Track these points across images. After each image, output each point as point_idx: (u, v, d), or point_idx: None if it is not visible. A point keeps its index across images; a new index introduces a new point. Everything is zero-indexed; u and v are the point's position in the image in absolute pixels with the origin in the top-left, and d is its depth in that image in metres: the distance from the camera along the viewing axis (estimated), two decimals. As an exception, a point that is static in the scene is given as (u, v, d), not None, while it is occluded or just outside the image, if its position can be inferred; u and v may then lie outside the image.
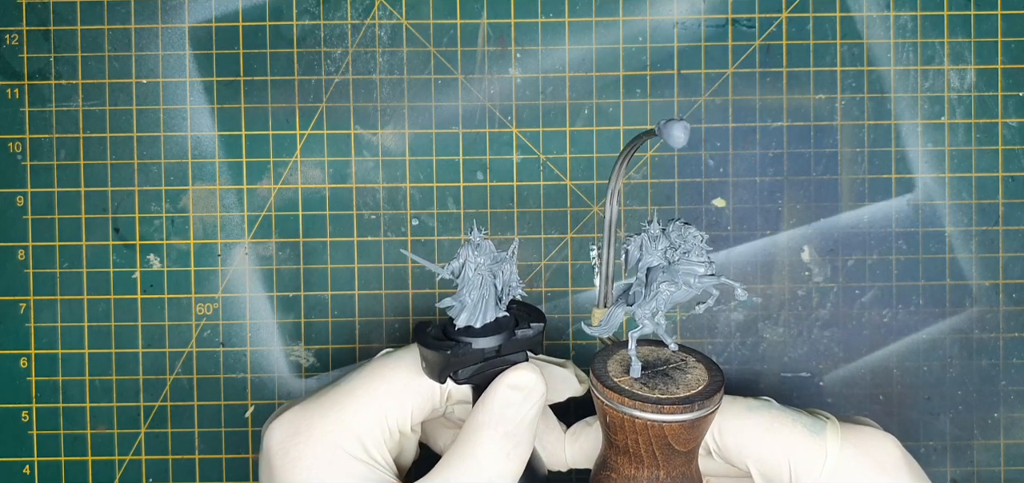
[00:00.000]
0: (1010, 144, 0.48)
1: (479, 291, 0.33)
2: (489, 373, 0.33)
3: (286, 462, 0.33)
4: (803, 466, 0.35)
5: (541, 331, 0.34)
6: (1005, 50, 0.48)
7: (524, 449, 0.33)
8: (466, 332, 0.33)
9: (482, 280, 0.32)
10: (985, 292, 0.48)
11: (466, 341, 0.32)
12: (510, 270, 0.33)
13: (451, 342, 0.33)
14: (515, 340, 0.33)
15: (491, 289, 0.33)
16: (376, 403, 0.34)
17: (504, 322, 0.34)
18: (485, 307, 0.33)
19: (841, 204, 0.48)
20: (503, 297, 0.34)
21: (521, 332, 0.33)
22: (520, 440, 0.33)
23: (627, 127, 0.48)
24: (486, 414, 0.33)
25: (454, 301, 0.33)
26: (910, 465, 0.36)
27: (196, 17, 0.48)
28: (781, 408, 0.37)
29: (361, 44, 0.48)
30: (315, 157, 0.48)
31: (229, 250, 0.48)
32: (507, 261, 0.33)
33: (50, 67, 0.48)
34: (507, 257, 0.33)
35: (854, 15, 0.47)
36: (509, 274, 0.33)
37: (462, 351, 0.32)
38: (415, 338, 0.34)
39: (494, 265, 0.33)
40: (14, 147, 0.48)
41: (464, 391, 0.35)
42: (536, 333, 0.34)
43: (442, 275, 0.33)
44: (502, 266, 0.33)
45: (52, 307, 0.48)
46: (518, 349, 0.33)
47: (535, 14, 0.48)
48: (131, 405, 0.48)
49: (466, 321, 0.33)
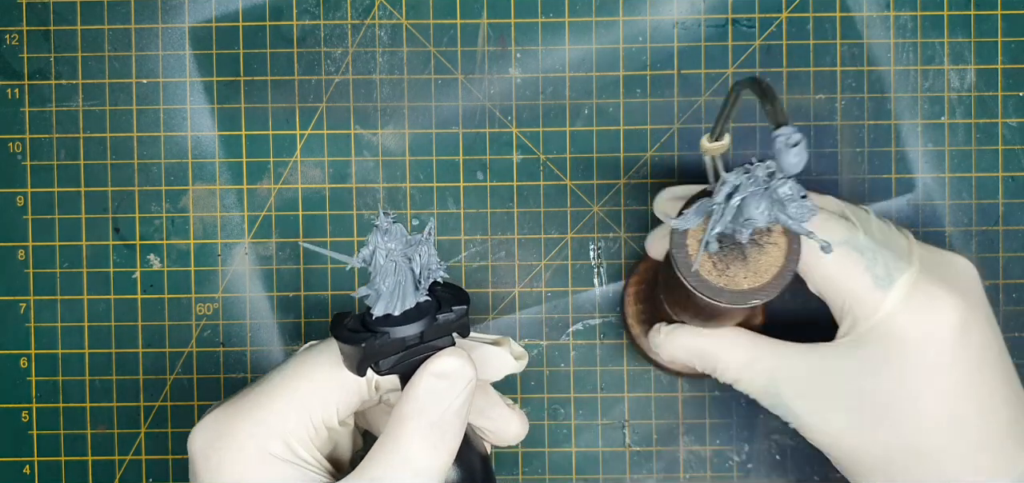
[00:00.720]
0: (1010, 144, 0.48)
1: (394, 277, 0.31)
2: (414, 361, 0.32)
3: (209, 468, 0.32)
4: (860, 314, 0.37)
5: (464, 313, 0.32)
6: (1005, 50, 0.48)
7: (453, 438, 0.32)
8: (385, 321, 0.31)
9: (396, 266, 0.31)
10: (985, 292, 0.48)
11: (383, 331, 0.31)
12: (428, 252, 0.31)
13: (368, 333, 0.31)
14: (437, 325, 0.31)
15: (408, 274, 0.31)
16: (298, 400, 0.33)
17: (426, 307, 0.32)
18: (402, 293, 0.31)
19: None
20: (422, 281, 0.32)
21: (443, 316, 0.32)
22: (447, 430, 0.32)
23: (627, 127, 0.48)
24: (410, 405, 0.31)
25: (369, 289, 0.31)
26: (982, 329, 0.36)
27: (196, 17, 0.48)
28: (861, 242, 0.37)
29: (361, 44, 0.48)
30: (315, 157, 0.48)
31: (229, 250, 0.48)
32: (423, 243, 0.31)
33: (50, 67, 0.48)
34: (422, 239, 0.31)
35: (854, 15, 0.48)
36: (427, 257, 0.31)
37: (379, 342, 0.30)
38: (331, 331, 0.32)
39: (408, 249, 0.31)
40: (14, 147, 0.48)
41: (394, 379, 0.34)
42: (458, 316, 0.32)
43: (352, 264, 0.31)
44: (418, 249, 0.31)
45: (52, 307, 0.48)
46: (441, 334, 0.32)
47: (535, 14, 0.48)
48: (131, 405, 0.48)
49: (383, 310, 0.31)
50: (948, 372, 0.36)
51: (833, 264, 0.37)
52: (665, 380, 0.48)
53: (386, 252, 0.31)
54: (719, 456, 0.49)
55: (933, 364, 0.36)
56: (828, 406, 0.38)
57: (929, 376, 0.36)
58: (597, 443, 0.49)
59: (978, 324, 0.37)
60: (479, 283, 0.48)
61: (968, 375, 0.36)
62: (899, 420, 0.36)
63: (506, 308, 0.48)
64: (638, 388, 0.48)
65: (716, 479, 0.49)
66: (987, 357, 0.37)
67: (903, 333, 0.36)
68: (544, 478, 0.49)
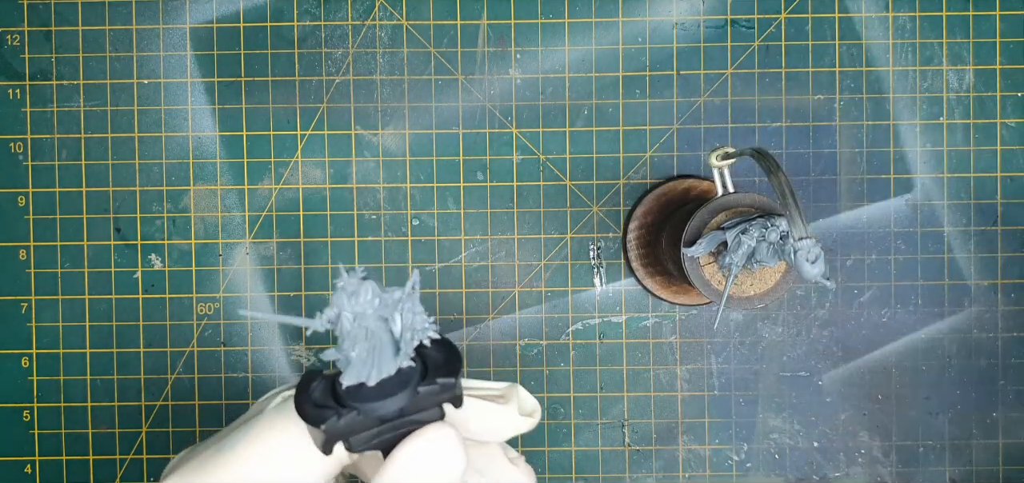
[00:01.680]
0: (1008, 144, 0.48)
1: (365, 343, 0.25)
2: (394, 436, 0.26)
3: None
4: None
5: (453, 385, 0.26)
6: (1003, 50, 0.48)
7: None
8: (357, 392, 0.26)
9: (367, 331, 0.25)
10: (983, 292, 0.48)
11: (353, 406, 0.25)
12: (411, 310, 0.26)
13: (334, 408, 0.25)
14: (420, 397, 0.26)
15: (385, 337, 0.26)
16: (273, 473, 0.28)
17: (407, 375, 0.26)
18: (378, 360, 0.26)
19: (840, 204, 0.48)
20: (404, 344, 0.26)
21: (427, 387, 0.26)
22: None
23: (626, 128, 0.48)
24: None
25: (337, 353, 0.26)
26: None
27: (197, 18, 0.48)
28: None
29: (362, 45, 0.48)
30: (316, 157, 0.48)
31: (230, 250, 0.48)
32: (404, 301, 0.26)
33: (52, 67, 0.48)
34: (403, 296, 0.26)
35: (853, 16, 0.47)
36: (411, 316, 0.26)
37: (345, 421, 0.25)
38: (295, 398, 0.26)
39: (384, 310, 0.26)
40: (16, 147, 0.48)
41: None
42: (444, 389, 0.26)
43: (315, 327, 0.25)
44: (397, 309, 0.26)
45: (53, 307, 0.48)
46: (426, 407, 0.26)
47: (535, 15, 0.48)
48: (132, 405, 0.48)
49: (354, 379, 0.25)
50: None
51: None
52: (665, 379, 0.48)
53: (353, 316, 0.25)
54: (718, 455, 0.49)
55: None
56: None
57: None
58: (596, 442, 0.49)
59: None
60: (479, 283, 0.48)
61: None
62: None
63: (506, 308, 0.48)
64: (637, 388, 0.48)
65: (715, 478, 0.49)
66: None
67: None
68: (544, 477, 0.49)
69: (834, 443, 0.48)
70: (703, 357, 0.48)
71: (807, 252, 0.32)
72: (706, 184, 0.47)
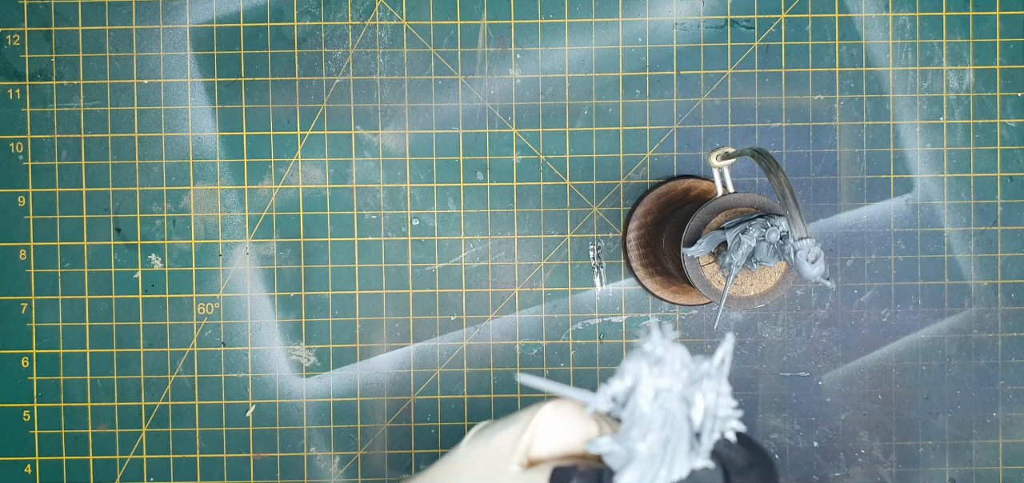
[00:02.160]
0: (1008, 144, 0.48)
1: (661, 432, 0.19)
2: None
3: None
4: None
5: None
6: (1003, 51, 0.47)
7: None
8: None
9: (666, 417, 0.19)
10: (983, 292, 0.48)
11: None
12: (716, 391, 0.20)
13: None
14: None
15: (684, 426, 0.20)
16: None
17: (703, 479, 0.20)
18: (670, 457, 0.19)
19: (840, 204, 0.48)
20: (704, 435, 0.20)
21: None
22: None
23: (626, 127, 0.48)
24: None
25: (616, 444, 0.20)
26: None
27: (197, 18, 0.48)
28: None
29: (362, 45, 0.48)
30: (316, 157, 0.48)
31: (230, 250, 0.48)
32: (712, 378, 0.20)
33: (52, 68, 0.48)
34: (712, 371, 0.20)
35: (853, 16, 0.47)
36: (714, 399, 0.20)
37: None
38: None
39: (688, 389, 0.20)
40: (16, 147, 0.48)
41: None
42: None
43: (596, 407, 0.20)
44: (701, 387, 0.20)
45: (53, 307, 0.48)
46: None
47: (535, 15, 0.47)
48: (132, 404, 0.48)
49: (636, 481, 0.19)
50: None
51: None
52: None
53: (655, 392, 0.19)
54: (718, 455, 0.49)
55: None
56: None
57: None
58: (597, 442, 0.48)
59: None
60: (479, 283, 0.48)
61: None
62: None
63: (506, 308, 0.48)
64: (638, 387, 0.48)
65: (715, 478, 0.49)
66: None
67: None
68: (544, 477, 0.49)
69: (834, 443, 0.48)
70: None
71: (807, 252, 0.32)
72: (706, 184, 0.46)
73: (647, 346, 0.19)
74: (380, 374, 0.48)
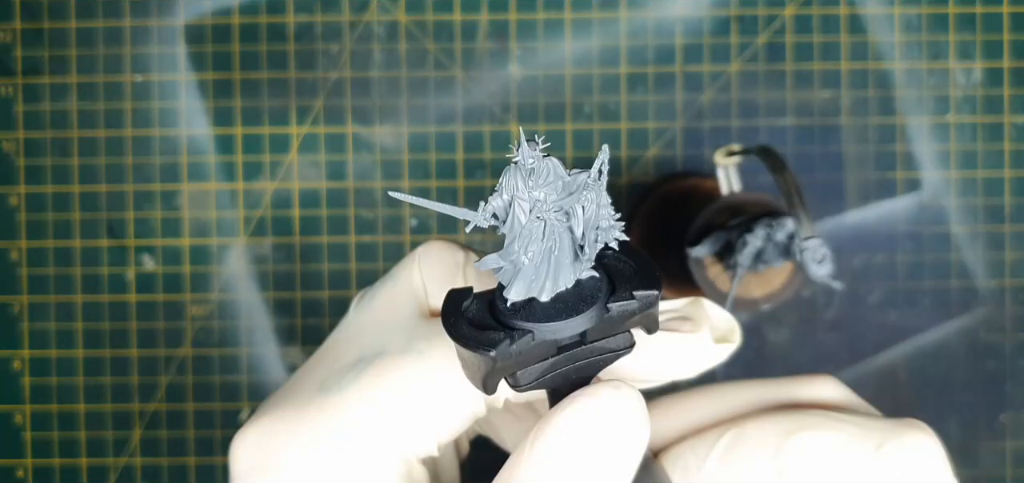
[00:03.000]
0: (1017, 143, 0.48)
1: (542, 243, 0.20)
2: (570, 373, 0.21)
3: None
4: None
5: (653, 300, 0.20)
6: (1012, 48, 0.47)
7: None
8: (526, 310, 0.20)
9: (546, 226, 0.19)
10: (992, 293, 0.48)
11: (524, 327, 0.19)
12: (596, 201, 0.20)
13: (499, 330, 0.20)
14: (609, 318, 0.20)
15: (565, 236, 0.20)
16: (385, 433, 0.22)
17: (591, 288, 0.20)
18: (554, 268, 0.20)
19: (846, 204, 0.48)
20: (587, 246, 0.20)
21: (618, 305, 0.20)
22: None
23: (628, 125, 0.47)
24: (542, 466, 0.19)
25: (502, 260, 0.20)
26: None
27: (190, 14, 0.47)
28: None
29: (358, 41, 0.48)
30: (312, 155, 0.48)
31: (224, 250, 0.48)
32: (589, 189, 0.20)
33: (44, 64, 0.47)
34: (588, 182, 0.20)
35: (859, 12, 0.47)
36: (595, 208, 0.20)
37: (518, 346, 0.19)
38: (443, 320, 0.20)
39: (565, 199, 0.20)
40: (7, 146, 0.48)
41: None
42: (643, 304, 0.20)
43: (476, 222, 0.19)
44: (580, 198, 0.20)
45: (45, 308, 0.48)
46: (614, 331, 0.20)
47: (535, 10, 0.47)
48: (125, 408, 0.48)
49: (524, 293, 0.20)
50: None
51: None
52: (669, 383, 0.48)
53: (531, 205, 0.20)
54: (722, 459, 0.48)
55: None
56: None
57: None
58: (598, 446, 0.48)
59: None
60: (478, 284, 0.48)
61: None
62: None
63: (506, 309, 0.48)
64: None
65: (719, 482, 0.48)
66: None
67: None
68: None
69: (840, 447, 0.48)
70: (707, 359, 0.48)
71: (814, 252, 0.31)
72: (710, 183, 0.46)
73: (518, 158, 0.19)
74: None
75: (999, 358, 0.48)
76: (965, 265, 0.48)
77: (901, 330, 0.48)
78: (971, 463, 0.48)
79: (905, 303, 0.48)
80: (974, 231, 0.48)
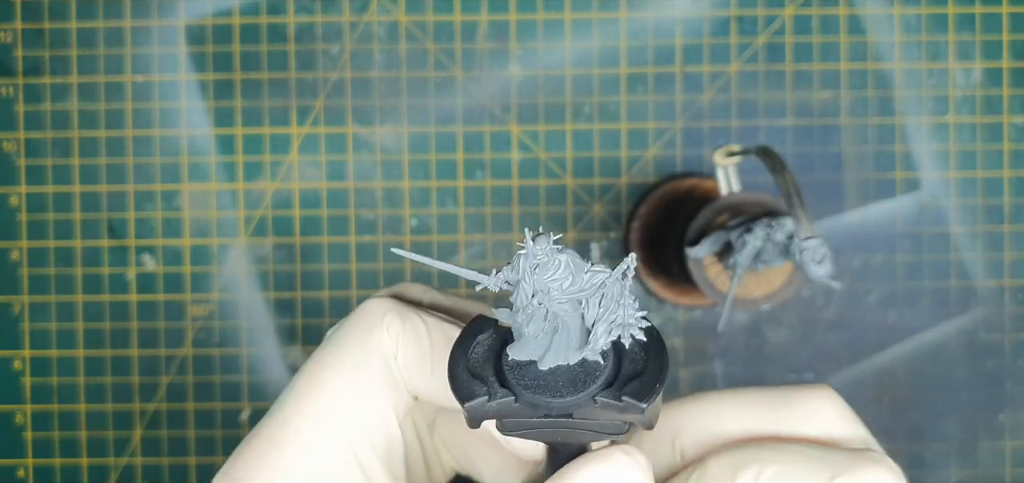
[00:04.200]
0: (1016, 143, 0.48)
1: (544, 324, 0.21)
2: (556, 435, 0.21)
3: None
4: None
5: (639, 412, 0.21)
6: (1011, 48, 0.47)
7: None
8: (524, 367, 0.21)
9: (548, 314, 0.20)
10: (991, 293, 0.48)
11: (510, 391, 0.21)
12: (616, 299, 0.21)
13: (487, 383, 0.21)
14: (594, 409, 0.21)
15: (575, 321, 0.21)
16: (327, 421, 0.23)
17: (590, 372, 0.21)
18: (556, 346, 0.21)
19: (845, 204, 0.48)
20: (593, 340, 0.21)
21: (604, 400, 0.20)
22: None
23: (629, 125, 0.47)
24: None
25: (511, 317, 0.21)
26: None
27: (191, 14, 0.47)
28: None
29: (359, 41, 0.47)
30: (312, 156, 0.48)
31: (224, 251, 0.48)
32: (605, 288, 0.21)
33: (45, 65, 0.47)
34: (606, 283, 0.21)
35: (858, 12, 0.47)
36: (614, 306, 0.21)
37: (500, 406, 0.20)
38: (455, 344, 0.22)
39: (578, 292, 0.20)
40: (8, 146, 0.48)
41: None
42: (626, 410, 0.20)
43: (485, 285, 0.20)
44: (597, 296, 0.21)
45: (46, 308, 0.48)
46: (602, 420, 0.21)
47: (535, 10, 0.47)
48: (126, 408, 0.48)
49: (524, 356, 0.21)
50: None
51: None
52: (668, 382, 0.48)
53: (532, 291, 0.20)
54: (722, 459, 0.48)
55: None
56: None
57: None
58: (598, 446, 0.48)
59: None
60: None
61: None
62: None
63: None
64: (639, 390, 0.48)
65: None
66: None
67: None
68: (544, 481, 0.48)
69: (839, 446, 0.48)
70: (707, 360, 0.48)
71: (813, 252, 0.31)
72: (710, 183, 0.46)
73: (527, 248, 0.20)
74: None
75: (998, 358, 0.48)
76: (964, 265, 0.48)
77: (900, 330, 0.48)
78: (970, 462, 0.48)
79: (904, 303, 0.48)
80: (973, 231, 0.48)
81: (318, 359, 0.24)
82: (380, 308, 0.24)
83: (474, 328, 0.22)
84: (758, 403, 0.24)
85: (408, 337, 0.24)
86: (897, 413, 0.48)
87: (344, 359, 0.23)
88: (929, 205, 0.48)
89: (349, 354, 0.24)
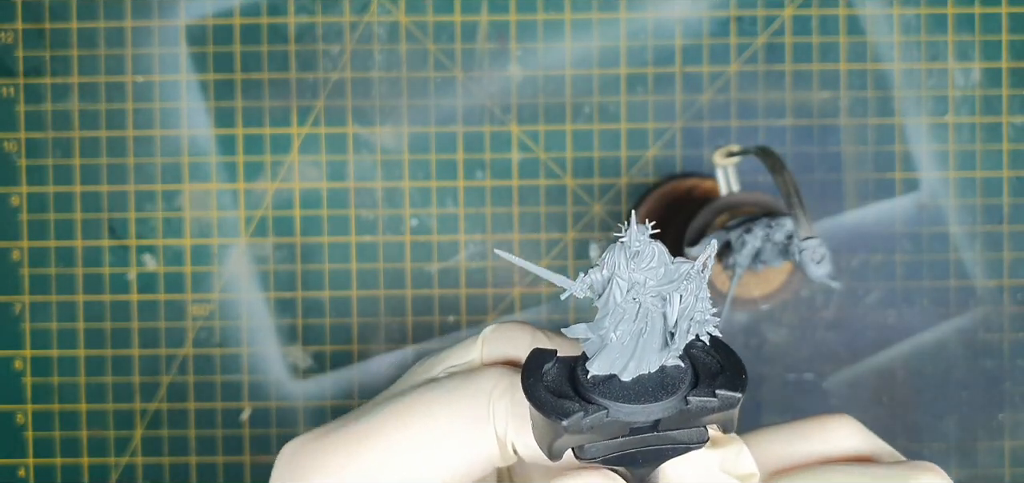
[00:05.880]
0: (1015, 143, 0.48)
1: (634, 325, 0.20)
2: (636, 455, 0.20)
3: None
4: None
5: (735, 402, 0.20)
6: (1010, 48, 0.47)
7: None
8: (605, 385, 0.20)
9: (639, 309, 0.20)
10: (990, 293, 0.48)
11: (601, 404, 0.20)
12: (694, 293, 0.20)
13: (575, 400, 0.20)
14: (686, 411, 0.20)
15: (658, 322, 0.20)
16: (430, 459, 0.22)
17: (674, 377, 0.20)
18: (641, 350, 0.20)
19: (845, 204, 0.48)
20: (677, 334, 0.20)
21: (697, 400, 0.20)
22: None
23: (628, 125, 0.47)
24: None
25: (590, 332, 0.20)
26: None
27: (192, 14, 0.47)
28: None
29: (359, 41, 0.47)
30: (312, 156, 0.48)
31: (225, 250, 0.48)
32: (690, 279, 0.20)
33: (45, 65, 0.47)
34: (692, 272, 0.20)
35: (858, 13, 0.47)
36: (692, 300, 0.20)
37: (590, 420, 0.19)
38: (523, 379, 0.21)
39: (665, 286, 0.20)
40: (9, 146, 0.48)
41: None
42: (723, 404, 0.20)
43: (572, 292, 0.19)
44: (680, 287, 0.20)
45: (47, 308, 0.48)
46: (689, 425, 0.20)
47: (535, 10, 0.47)
48: (126, 407, 0.48)
49: (606, 369, 0.20)
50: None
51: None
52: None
53: (629, 285, 0.20)
54: (721, 458, 0.48)
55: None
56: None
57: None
58: (598, 445, 0.48)
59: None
60: (479, 283, 0.48)
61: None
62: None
63: (505, 309, 0.48)
64: (639, 390, 0.48)
65: (718, 482, 0.48)
66: None
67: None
68: (544, 481, 0.48)
69: (839, 446, 0.48)
70: (706, 359, 0.48)
71: (813, 252, 0.31)
72: (709, 183, 0.46)
73: (625, 238, 0.19)
74: (378, 376, 0.48)
75: (997, 357, 0.48)
76: (963, 265, 0.48)
77: (899, 330, 0.48)
78: (969, 462, 0.48)
79: (903, 303, 0.48)
80: (972, 231, 0.48)
81: (438, 391, 0.24)
82: (494, 376, 0.23)
83: (535, 361, 0.21)
84: (782, 437, 0.25)
85: (519, 397, 0.22)
86: (896, 413, 0.48)
87: (459, 400, 0.23)
88: (928, 205, 0.48)
89: (467, 407, 0.23)
